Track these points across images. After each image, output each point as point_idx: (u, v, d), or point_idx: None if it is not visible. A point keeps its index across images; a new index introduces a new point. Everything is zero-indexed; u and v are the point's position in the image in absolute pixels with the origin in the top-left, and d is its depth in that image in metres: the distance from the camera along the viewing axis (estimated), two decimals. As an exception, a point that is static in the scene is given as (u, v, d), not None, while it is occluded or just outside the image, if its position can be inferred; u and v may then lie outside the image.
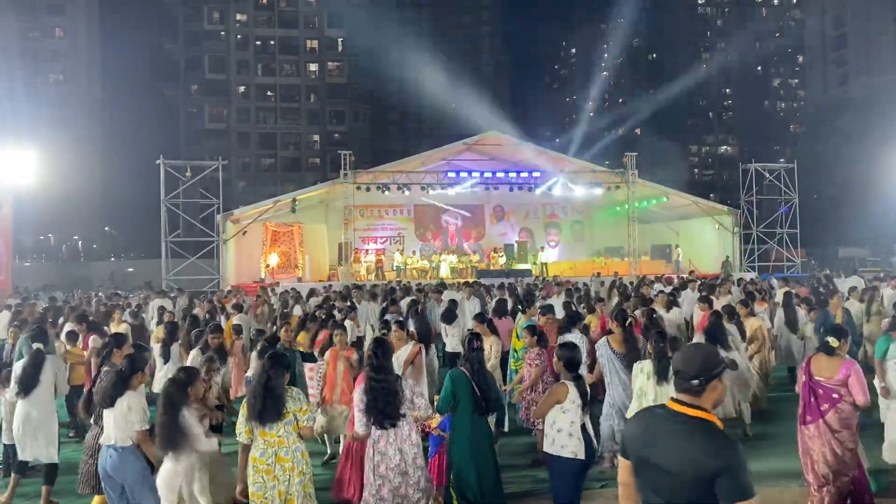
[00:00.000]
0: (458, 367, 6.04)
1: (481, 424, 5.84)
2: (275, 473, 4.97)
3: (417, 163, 29.38)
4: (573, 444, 5.43)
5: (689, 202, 30.95)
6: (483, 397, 5.80)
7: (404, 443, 5.42)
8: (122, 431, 5.42)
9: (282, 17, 77.31)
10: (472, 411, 5.76)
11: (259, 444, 5.02)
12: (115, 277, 39.98)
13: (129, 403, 5.41)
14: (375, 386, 5.42)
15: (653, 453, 2.91)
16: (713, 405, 2.97)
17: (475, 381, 5.81)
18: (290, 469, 5.01)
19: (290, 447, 5.04)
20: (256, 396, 5.02)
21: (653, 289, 16.28)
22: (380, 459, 5.39)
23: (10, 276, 25.53)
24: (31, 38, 69.89)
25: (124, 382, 5.54)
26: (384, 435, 5.40)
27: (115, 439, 5.42)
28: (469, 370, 5.89)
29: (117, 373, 5.65)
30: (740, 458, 2.76)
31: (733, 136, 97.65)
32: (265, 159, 77.99)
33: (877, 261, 38.23)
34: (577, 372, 5.75)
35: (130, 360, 5.72)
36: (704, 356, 3.01)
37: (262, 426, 5.00)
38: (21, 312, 12.90)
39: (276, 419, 5.01)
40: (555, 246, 35.17)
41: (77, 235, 67.97)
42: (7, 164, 24.36)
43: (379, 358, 5.54)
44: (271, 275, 28.02)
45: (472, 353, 5.98)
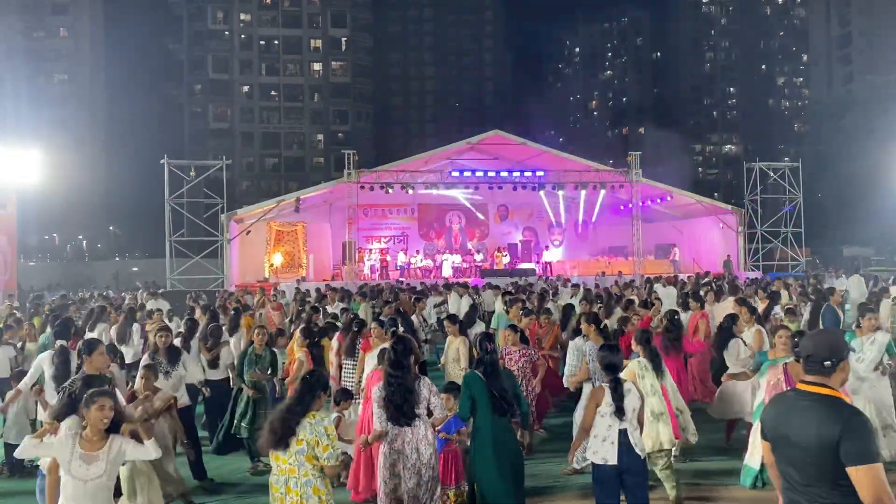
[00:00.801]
0: (472, 371, 6.00)
1: (502, 425, 5.76)
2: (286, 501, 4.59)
3: (421, 162, 29.36)
4: (605, 449, 5.33)
5: (693, 201, 30.89)
6: (500, 397, 5.72)
7: (420, 442, 5.40)
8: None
9: (285, 17, 77.38)
10: (491, 413, 5.69)
11: (274, 469, 4.66)
12: (119, 277, 40.05)
13: (68, 426, 4.78)
14: (392, 382, 5.43)
15: (786, 431, 3.17)
16: (840, 384, 3.23)
17: (489, 382, 5.75)
18: (299, 503, 4.55)
19: (299, 479, 4.53)
20: (273, 420, 4.66)
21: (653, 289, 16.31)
22: (396, 458, 5.39)
23: (14, 276, 25.58)
24: (36, 38, 70.08)
25: (74, 405, 4.85)
26: (401, 433, 5.39)
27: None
28: (483, 372, 5.83)
29: (69, 395, 5.09)
30: (864, 425, 2.99)
31: (737, 134, 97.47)
32: (269, 159, 78.09)
33: (881, 260, 38.08)
34: (616, 375, 5.59)
35: (87, 381, 5.29)
36: (835, 340, 3.29)
37: (276, 452, 4.62)
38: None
39: (283, 447, 4.57)
40: (558, 245, 35.13)
41: (81, 235, 68.16)
42: (11, 163, 24.40)
43: (398, 355, 5.53)
44: (275, 274, 28.05)
45: (486, 354, 5.92)
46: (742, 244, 29.63)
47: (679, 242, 33.61)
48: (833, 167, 47.91)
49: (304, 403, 4.64)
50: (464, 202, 32.84)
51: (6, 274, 24.58)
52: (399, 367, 5.47)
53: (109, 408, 4.45)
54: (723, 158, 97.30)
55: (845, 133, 50.26)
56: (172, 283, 25.85)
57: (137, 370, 7.27)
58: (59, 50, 71.68)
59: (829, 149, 50.70)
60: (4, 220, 25.07)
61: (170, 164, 26.53)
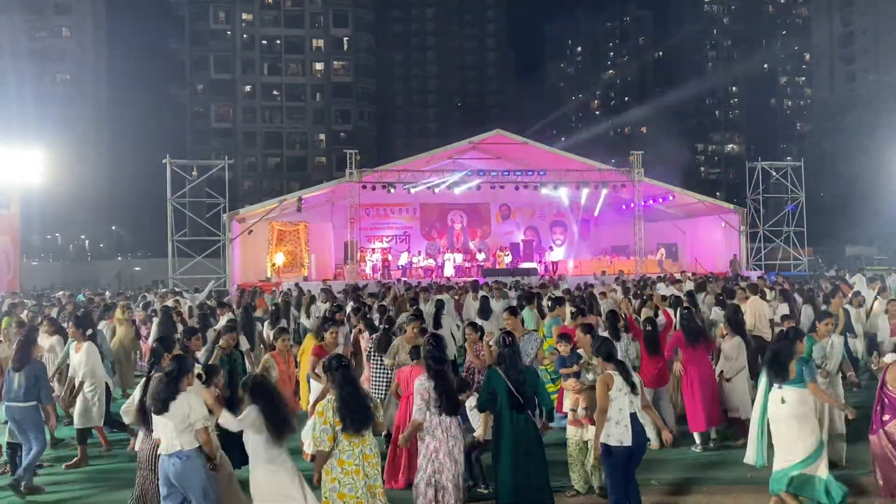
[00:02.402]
0: (493, 367, 6.16)
1: (521, 421, 5.88)
2: (364, 471, 5.15)
3: (423, 162, 29.35)
4: (619, 431, 5.66)
5: (696, 200, 30.87)
6: (518, 393, 5.85)
7: (458, 429, 5.72)
8: (185, 435, 5.23)
9: (287, 17, 77.42)
10: (510, 408, 5.87)
11: (345, 446, 5.14)
12: (121, 277, 40.12)
13: (189, 402, 5.24)
14: (440, 374, 5.72)
15: None
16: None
17: (509, 378, 5.90)
18: (376, 463, 5.28)
19: (370, 442, 5.27)
20: (352, 408, 5.14)
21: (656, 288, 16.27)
22: (437, 446, 5.62)
23: (17, 276, 25.66)
24: (38, 38, 70.21)
25: (175, 384, 5.29)
26: (441, 423, 5.65)
27: (181, 444, 5.22)
28: (503, 368, 6.01)
29: (166, 375, 5.36)
30: None
31: (740, 134, 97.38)
32: (271, 158, 78.15)
33: (884, 259, 38.03)
34: (618, 359, 6.04)
35: (179, 360, 5.50)
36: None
37: (357, 434, 5.17)
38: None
39: (370, 426, 5.25)
40: (561, 245, 35.13)
41: (84, 234, 68.31)
42: (14, 163, 24.47)
43: (436, 350, 5.84)
44: (277, 274, 28.08)
45: (505, 349, 6.08)
46: (744, 243, 29.60)
47: (681, 242, 33.64)
48: (835, 166, 47.83)
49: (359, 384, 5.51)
50: (466, 202, 32.82)
51: (10, 273, 24.66)
52: (442, 361, 5.78)
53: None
54: (725, 157, 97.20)
55: (847, 132, 50.15)
56: (175, 282, 25.87)
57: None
58: (62, 50, 71.79)
59: (832, 148, 50.60)
60: (8, 220, 25.15)
61: (172, 164, 26.56)
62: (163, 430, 5.26)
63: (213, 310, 12.74)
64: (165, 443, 5.25)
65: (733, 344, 8.57)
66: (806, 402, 6.03)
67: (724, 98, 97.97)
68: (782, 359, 6.09)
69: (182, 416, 5.18)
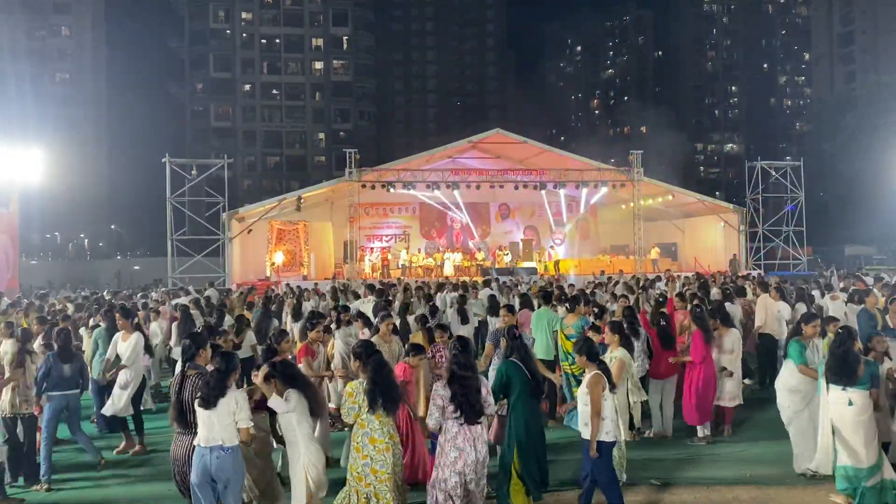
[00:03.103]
0: (509, 359, 6.35)
1: (534, 407, 6.37)
2: (393, 449, 5.54)
3: (422, 161, 29.35)
4: (613, 428, 6.04)
5: (695, 200, 30.88)
6: (535, 380, 6.29)
7: (478, 440, 5.58)
8: (229, 430, 5.33)
9: (287, 16, 77.37)
10: (528, 395, 6.22)
11: (375, 425, 5.53)
12: (121, 276, 40.11)
13: (236, 400, 5.37)
14: (464, 381, 5.60)
15: None
16: None
17: (527, 367, 6.25)
18: (398, 443, 5.71)
19: (393, 423, 5.73)
20: (388, 389, 5.59)
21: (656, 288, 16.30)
22: (457, 455, 5.52)
23: (17, 275, 25.64)
24: (38, 38, 70.14)
25: (224, 381, 5.40)
26: (461, 431, 5.55)
27: (223, 440, 5.30)
28: (519, 358, 6.28)
29: (216, 371, 5.46)
30: None
31: (739, 133, 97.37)
32: (271, 157, 78.10)
33: (883, 259, 38.08)
34: (600, 359, 6.33)
35: (226, 357, 5.59)
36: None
37: (388, 414, 5.59)
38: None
39: (395, 408, 5.72)
40: (560, 244, 35.13)
41: (83, 233, 68.26)
42: (14, 162, 24.44)
43: (464, 354, 5.78)
44: (277, 273, 28.08)
45: (515, 340, 6.37)
46: (744, 243, 29.62)
47: (680, 241, 33.66)
48: (835, 166, 47.91)
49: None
50: (465, 201, 32.79)
51: (9, 272, 24.63)
52: (468, 368, 5.68)
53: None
54: (724, 157, 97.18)
55: (847, 132, 50.21)
56: (174, 281, 25.89)
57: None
58: (61, 49, 71.74)
59: (831, 148, 50.68)
60: (7, 219, 25.13)
61: (171, 163, 26.57)
62: (206, 423, 5.33)
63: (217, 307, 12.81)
64: (206, 434, 5.31)
65: (733, 337, 8.70)
66: (871, 405, 6.02)
67: (724, 97, 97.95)
68: (852, 360, 6.04)
69: (229, 412, 5.31)
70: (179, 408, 5.61)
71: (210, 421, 5.31)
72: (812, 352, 7.31)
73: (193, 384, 5.60)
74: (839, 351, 6.13)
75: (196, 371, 5.73)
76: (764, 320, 11.29)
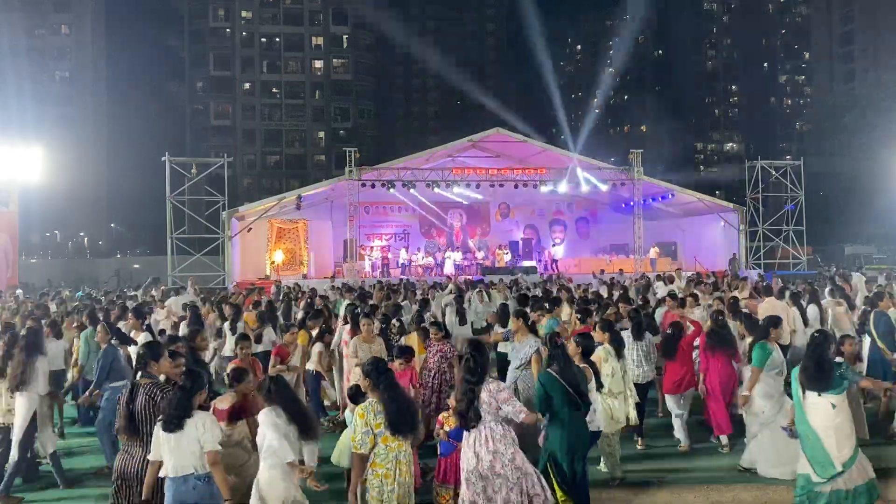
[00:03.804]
0: (546, 370, 6.07)
1: (577, 419, 5.92)
2: (394, 477, 5.00)
3: (422, 160, 29.35)
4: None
5: (695, 199, 30.87)
6: (575, 392, 5.88)
7: (481, 447, 5.36)
8: (199, 456, 4.87)
9: (286, 14, 77.35)
10: (568, 407, 5.85)
11: (381, 449, 5.02)
12: (120, 274, 40.07)
13: (203, 422, 4.89)
14: (467, 388, 5.43)
15: None
16: None
17: (564, 378, 5.89)
18: (406, 473, 5.07)
19: (407, 451, 5.11)
20: (406, 411, 5.06)
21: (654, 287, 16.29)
22: (465, 462, 5.43)
23: (16, 273, 25.65)
24: (38, 36, 70.11)
25: (189, 400, 4.95)
26: (467, 437, 5.45)
27: (195, 467, 4.85)
28: (556, 369, 5.95)
29: (181, 390, 5.01)
30: None
31: (739, 132, 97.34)
32: (270, 156, 78.11)
33: (883, 258, 38.06)
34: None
35: (192, 375, 5.14)
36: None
37: (400, 436, 5.05)
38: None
39: (414, 430, 5.14)
40: (560, 243, 35.14)
41: (83, 232, 68.22)
42: (13, 160, 24.45)
43: (477, 362, 5.52)
44: (276, 272, 28.07)
45: (556, 349, 6.07)
46: (743, 242, 29.63)
47: (680, 241, 33.65)
48: (834, 165, 47.91)
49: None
50: (465, 200, 32.82)
51: (8, 271, 24.65)
52: (475, 374, 5.46)
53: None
54: (724, 156, 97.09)
55: (847, 131, 50.24)
56: (174, 279, 25.87)
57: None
58: (61, 47, 71.71)
59: (831, 147, 50.71)
60: (7, 217, 25.14)
61: (171, 162, 26.55)
62: (172, 450, 4.85)
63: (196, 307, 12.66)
64: (174, 463, 4.85)
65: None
66: (846, 407, 5.95)
67: (724, 97, 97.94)
68: (826, 366, 5.96)
69: (195, 436, 4.85)
70: (130, 417, 5.24)
71: (178, 447, 4.84)
72: (778, 355, 7.26)
73: (148, 394, 5.27)
74: (814, 356, 6.01)
75: (149, 381, 5.44)
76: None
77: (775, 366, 7.19)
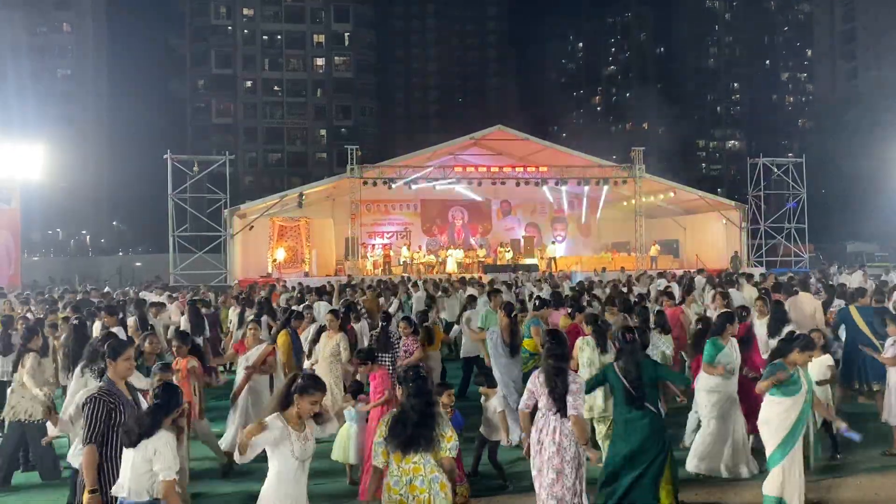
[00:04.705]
0: (611, 363, 6.18)
1: (635, 415, 5.80)
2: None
3: (424, 158, 29.35)
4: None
5: (697, 197, 30.87)
6: (633, 388, 5.79)
7: (560, 434, 5.33)
8: (138, 482, 4.30)
9: (288, 12, 77.31)
10: (624, 403, 5.85)
11: (393, 469, 4.41)
12: (122, 272, 40.10)
13: (155, 447, 4.31)
14: (551, 371, 5.40)
15: None
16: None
17: (624, 375, 5.85)
18: (427, 501, 4.33)
19: (426, 476, 4.36)
20: (408, 422, 4.40)
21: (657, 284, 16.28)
22: (538, 449, 5.41)
23: (18, 271, 25.67)
24: (39, 34, 70.11)
25: (160, 417, 4.43)
26: (546, 422, 5.40)
27: (128, 491, 4.31)
28: (620, 365, 5.94)
29: (155, 403, 4.53)
30: None
31: (741, 130, 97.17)
32: (272, 154, 78.12)
33: (885, 256, 38.03)
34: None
35: (169, 390, 4.64)
36: None
37: (405, 454, 4.40)
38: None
39: (428, 448, 4.39)
40: (562, 241, 35.12)
41: (85, 230, 68.26)
42: (15, 158, 24.48)
43: (557, 346, 5.58)
44: (278, 270, 28.08)
45: (625, 344, 6.02)
46: (745, 240, 29.62)
47: (682, 238, 33.64)
48: (837, 163, 47.81)
49: (435, 401, 4.70)
50: (467, 198, 32.81)
51: (11, 269, 24.68)
52: (561, 359, 5.50)
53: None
54: (726, 154, 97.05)
55: (849, 129, 50.18)
56: (176, 277, 25.91)
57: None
58: (62, 45, 71.72)
59: (833, 144, 50.60)
60: (8, 215, 25.17)
61: (173, 159, 26.57)
62: (127, 467, 4.35)
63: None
64: (119, 481, 4.39)
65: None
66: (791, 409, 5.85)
67: (726, 94, 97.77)
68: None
69: (146, 458, 4.30)
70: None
71: (125, 463, 4.36)
72: (730, 350, 7.20)
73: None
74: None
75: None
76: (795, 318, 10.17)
77: (727, 362, 7.13)
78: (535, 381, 5.51)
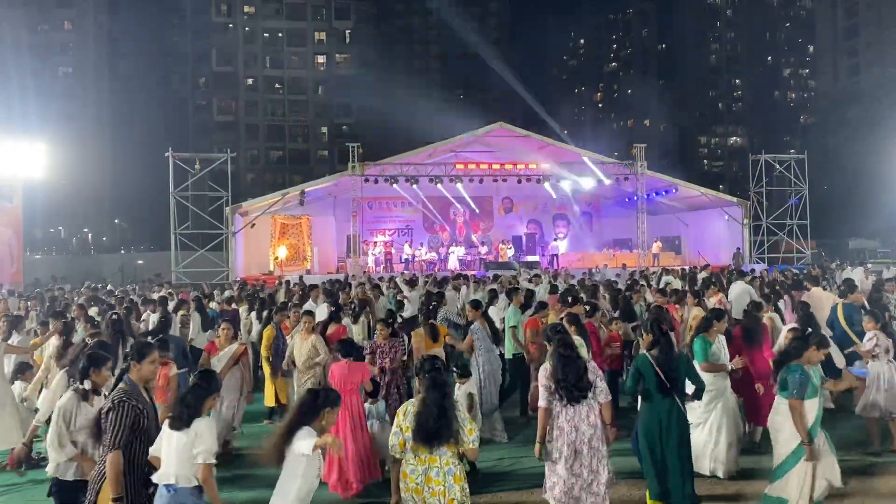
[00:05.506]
0: (644, 353, 6.28)
1: (667, 405, 5.96)
2: (424, 496, 4.49)
3: (425, 155, 29.34)
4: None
5: (699, 193, 30.83)
6: (667, 378, 5.94)
7: (583, 422, 5.44)
8: (185, 467, 4.28)
9: (289, 9, 77.24)
10: (658, 392, 5.98)
11: (409, 459, 4.56)
12: (124, 270, 40.12)
13: (197, 430, 4.30)
14: (565, 360, 5.51)
15: None
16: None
17: (658, 363, 5.99)
18: (441, 493, 4.45)
19: (441, 468, 4.49)
20: (430, 416, 4.49)
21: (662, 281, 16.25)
22: (558, 434, 5.46)
23: (21, 269, 25.69)
24: (40, 31, 70.09)
25: (203, 399, 4.46)
26: (564, 411, 5.46)
27: (175, 476, 4.28)
28: (654, 354, 6.07)
29: (196, 387, 4.53)
30: None
31: (743, 126, 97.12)
32: (273, 152, 78.12)
33: (887, 252, 37.97)
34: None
35: (208, 376, 4.71)
36: None
37: (430, 449, 4.51)
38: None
39: (446, 443, 4.51)
40: (564, 237, 35.11)
41: (87, 228, 68.30)
42: (17, 156, 24.47)
43: (565, 335, 5.78)
44: (280, 267, 28.10)
45: (661, 336, 6.14)
46: (747, 236, 29.58)
47: (684, 235, 33.61)
48: (839, 159, 47.77)
49: (451, 396, 4.74)
50: (469, 195, 32.80)
51: (13, 266, 24.70)
52: (571, 347, 5.64)
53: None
54: (728, 150, 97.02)
55: (851, 125, 50.10)
56: (178, 275, 25.92)
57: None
58: (63, 43, 71.69)
59: (835, 141, 50.55)
60: (10, 213, 25.18)
61: (174, 157, 26.57)
62: (165, 453, 4.34)
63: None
64: (164, 469, 4.33)
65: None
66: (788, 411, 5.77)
67: (728, 90, 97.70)
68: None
69: (188, 440, 4.29)
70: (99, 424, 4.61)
71: (169, 450, 4.32)
72: (718, 348, 7.20)
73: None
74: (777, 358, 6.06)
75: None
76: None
77: (715, 360, 7.12)
78: (547, 375, 5.58)
